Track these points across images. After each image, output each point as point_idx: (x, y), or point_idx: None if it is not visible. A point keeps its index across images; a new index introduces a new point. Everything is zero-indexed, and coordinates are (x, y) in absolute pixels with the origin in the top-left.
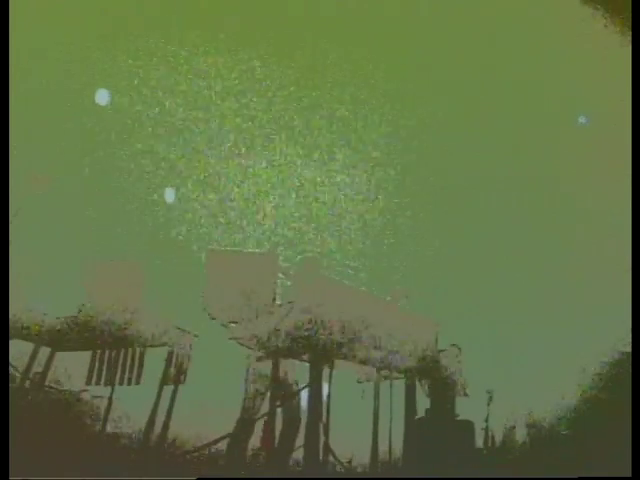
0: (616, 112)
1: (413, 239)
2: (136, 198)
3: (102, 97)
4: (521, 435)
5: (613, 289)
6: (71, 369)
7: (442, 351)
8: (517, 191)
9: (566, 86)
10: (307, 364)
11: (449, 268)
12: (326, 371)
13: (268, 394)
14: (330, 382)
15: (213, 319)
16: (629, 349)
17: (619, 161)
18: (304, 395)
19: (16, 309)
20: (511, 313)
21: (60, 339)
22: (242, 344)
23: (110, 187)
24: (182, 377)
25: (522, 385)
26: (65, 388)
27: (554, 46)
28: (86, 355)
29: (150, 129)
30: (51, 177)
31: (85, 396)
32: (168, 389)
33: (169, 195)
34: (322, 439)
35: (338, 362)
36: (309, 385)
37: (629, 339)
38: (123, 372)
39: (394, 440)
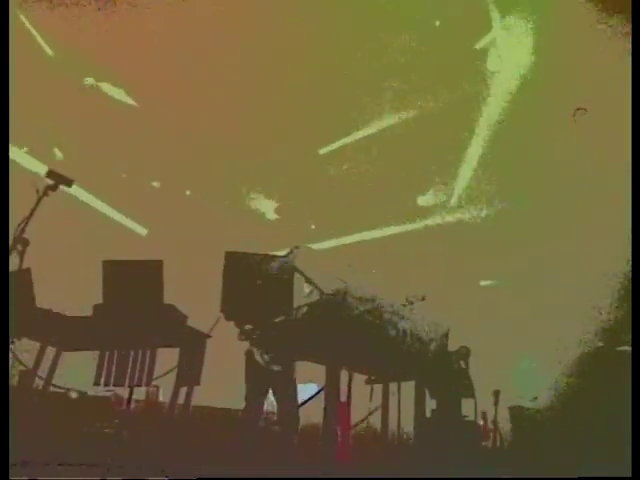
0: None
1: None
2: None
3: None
4: (521, 435)
5: (613, 289)
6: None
7: (452, 352)
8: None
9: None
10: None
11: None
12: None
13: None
14: (350, 385)
15: (229, 320)
16: (628, 348)
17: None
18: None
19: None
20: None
21: (68, 339)
22: (254, 345)
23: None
24: (196, 379)
25: (523, 384)
26: (70, 388)
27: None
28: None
29: None
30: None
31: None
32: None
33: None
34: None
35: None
36: (325, 388)
37: (629, 339)
38: (133, 373)
39: (401, 441)
